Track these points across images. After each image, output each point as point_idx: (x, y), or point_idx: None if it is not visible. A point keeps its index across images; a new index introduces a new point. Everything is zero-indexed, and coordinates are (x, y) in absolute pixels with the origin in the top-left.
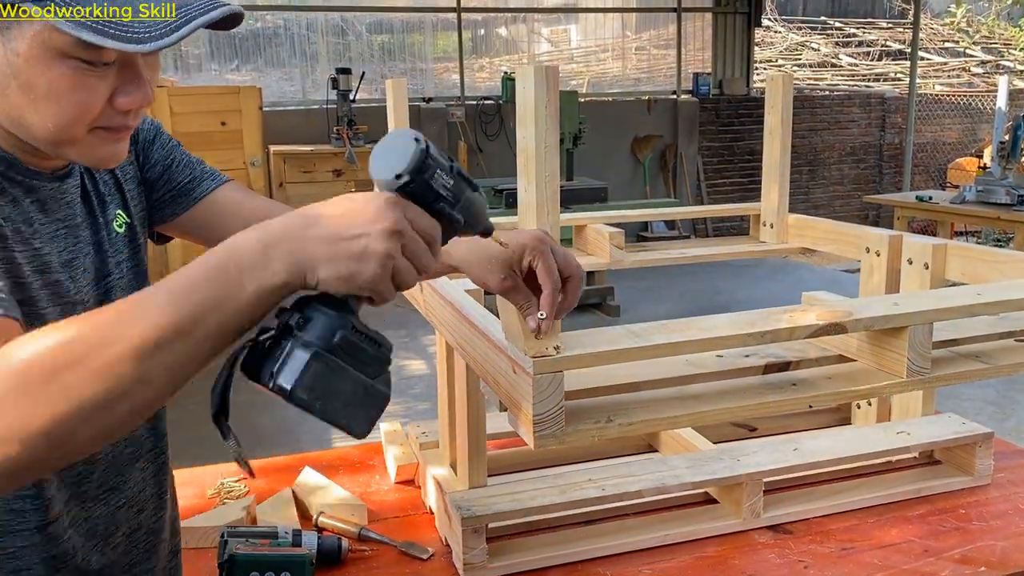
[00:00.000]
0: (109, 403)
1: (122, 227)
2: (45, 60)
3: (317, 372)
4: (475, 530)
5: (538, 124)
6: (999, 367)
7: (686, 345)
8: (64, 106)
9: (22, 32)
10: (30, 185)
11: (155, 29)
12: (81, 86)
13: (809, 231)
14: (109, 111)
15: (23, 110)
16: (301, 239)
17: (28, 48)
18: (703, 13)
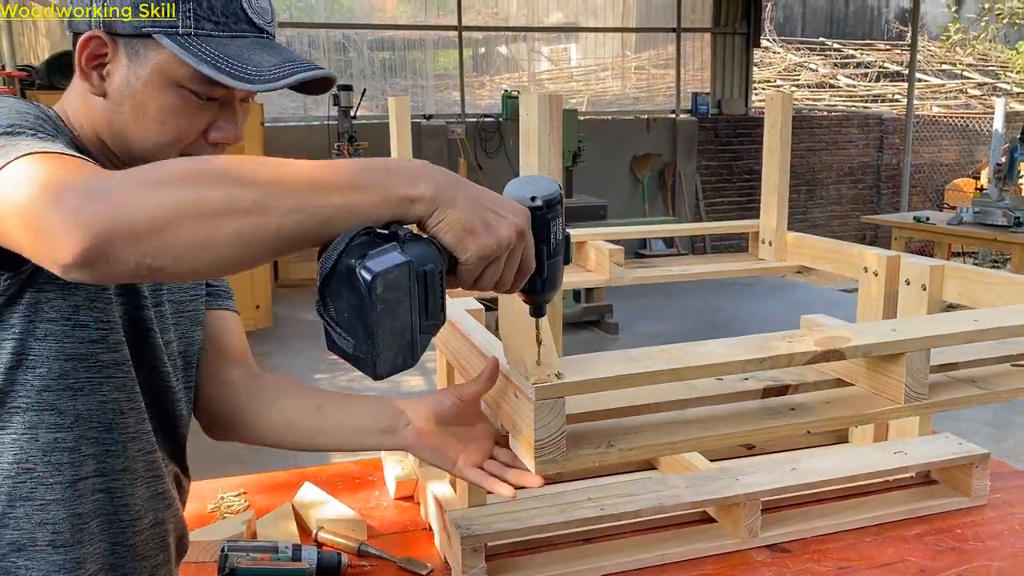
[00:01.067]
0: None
1: None
2: (160, 87)
3: (399, 278)
4: (474, 549)
5: (541, 151)
6: (996, 392)
7: (686, 371)
8: (166, 128)
9: (147, 60)
10: None
11: (265, 75)
12: (185, 113)
13: (808, 249)
14: (201, 141)
15: (128, 126)
16: (456, 184)
17: (149, 74)
18: (702, 33)
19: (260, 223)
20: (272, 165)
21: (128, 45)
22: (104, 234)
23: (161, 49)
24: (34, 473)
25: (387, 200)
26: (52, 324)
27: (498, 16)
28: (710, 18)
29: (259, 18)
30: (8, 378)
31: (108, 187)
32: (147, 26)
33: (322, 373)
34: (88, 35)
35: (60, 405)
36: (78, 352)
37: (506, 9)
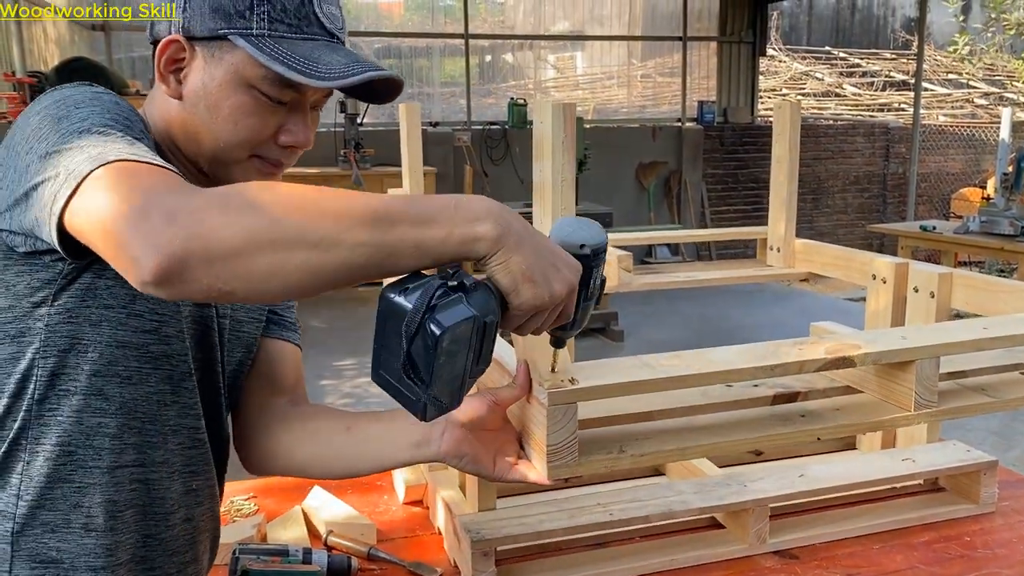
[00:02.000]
0: (303, 245)
1: None
2: (234, 87)
3: (465, 331)
4: (484, 553)
5: (555, 159)
6: (1005, 401)
7: (699, 378)
8: (238, 128)
9: (223, 60)
10: None
11: (336, 72)
12: (256, 114)
13: (816, 256)
14: (271, 143)
15: (201, 126)
16: (521, 231)
17: (224, 75)
18: (708, 42)
19: (329, 256)
20: (343, 198)
21: (205, 48)
22: (181, 257)
23: (236, 50)
24: (75, 456)
25: (452, 236)
26: (108, 311)
27: (504, 24)
28: (716, 27)
29: (330, 23)
30: (60, 360)
31: (188, 209)
32: (223, 28)
33: (328, 379)
34: (168, 39)
35: (108, 391)
36: (130, 340)
37: (512, 17)
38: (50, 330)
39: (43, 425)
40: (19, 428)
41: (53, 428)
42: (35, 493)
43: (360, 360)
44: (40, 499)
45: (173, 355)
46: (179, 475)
